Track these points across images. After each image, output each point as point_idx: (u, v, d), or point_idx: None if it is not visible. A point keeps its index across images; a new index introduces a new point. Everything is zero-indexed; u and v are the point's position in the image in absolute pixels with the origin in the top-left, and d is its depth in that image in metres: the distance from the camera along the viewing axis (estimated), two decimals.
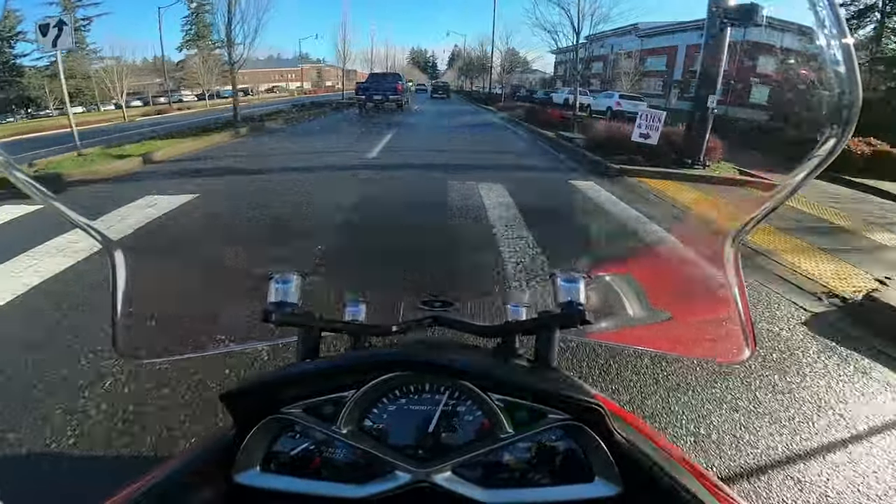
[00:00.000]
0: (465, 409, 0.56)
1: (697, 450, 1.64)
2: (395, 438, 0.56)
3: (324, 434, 0.55)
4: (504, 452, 0.55)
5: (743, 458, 1.61)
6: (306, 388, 0.55)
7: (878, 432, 1.76)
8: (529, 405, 0.53)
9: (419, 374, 0.55)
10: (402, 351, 0.51)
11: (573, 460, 0.54)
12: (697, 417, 1.79)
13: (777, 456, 1.63)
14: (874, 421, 1.83)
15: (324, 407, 0.55)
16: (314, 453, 0.56)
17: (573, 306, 0.66)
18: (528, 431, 0.53)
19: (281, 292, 0.71)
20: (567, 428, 0.54)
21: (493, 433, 0.54)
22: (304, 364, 0.63)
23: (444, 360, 0.50)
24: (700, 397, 1.88)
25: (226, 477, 0.54)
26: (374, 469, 0.55)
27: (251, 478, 0.54)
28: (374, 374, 0.54)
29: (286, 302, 0.70)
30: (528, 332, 0.69)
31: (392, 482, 0.53)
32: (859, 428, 1.78)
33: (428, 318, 0.78)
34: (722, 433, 1.72)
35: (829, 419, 1.83)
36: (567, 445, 0.55)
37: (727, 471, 1.55)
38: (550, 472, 0.54)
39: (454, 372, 0.51)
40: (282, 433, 0.57)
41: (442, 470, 0.53)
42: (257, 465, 0.55)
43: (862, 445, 1.68)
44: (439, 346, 0.59)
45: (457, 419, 0.56)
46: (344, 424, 0.54)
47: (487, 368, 0.51)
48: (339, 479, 0.54)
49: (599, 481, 0.53)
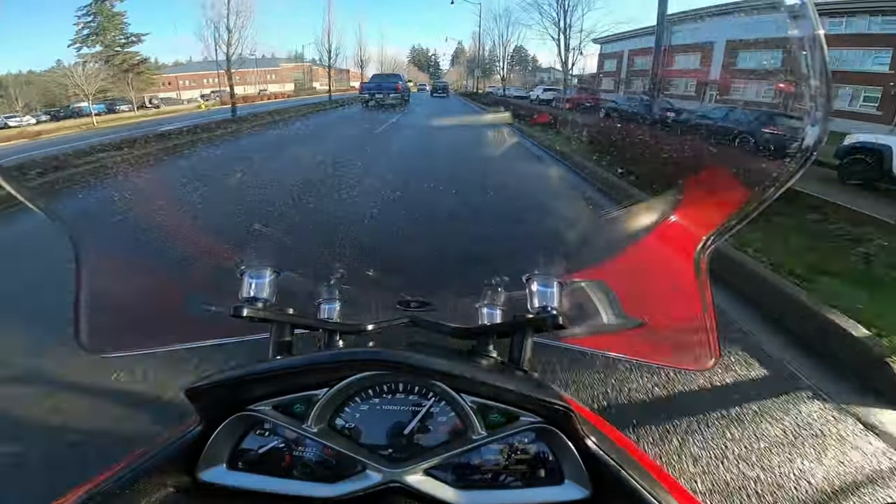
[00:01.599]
0: (437, 410, 0.56)
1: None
2: (367, 438, 0.56)
3: (294, 432, 0.54)
4: (476, 454, 0.55)
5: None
6: (277, 386, 0.54)
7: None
8: (502, 407, 0.53)
9: (392, 373, 0.54)
10: (376, 350, 0.51)
11: (544, 463, 0.55)
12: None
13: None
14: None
15: (294, 405, 0.54)
16: (284, 452, 0.55)
17: (547, 311, 0.67)
18: (500, 433, 0.54)
19: (254, 287, 0.70)
20: (538, 431, 0.55)
21: (466, 434, 0.54)
22: (274, 361, 0.62)
23: (417, 360, 0.50)
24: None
25: (190, 474, 0.52)
26: (345, 468, 0.54)
27: (217, 475, 0.53)
28: (346, 372, 0.53)
29: (259, 297, 0.69)
30: (502, 334, 0.70)
31: (363, 482, 0.53)
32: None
33: (404, 319, 0.78)
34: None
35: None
36: (538, 448, 0.55)
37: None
38: (521, 474, 0.55)
39: (427, 372, 0.51)
40: (250, 431, 0.55)
41: (414, 471, 0.53)
42: (224, 462, 0.54)
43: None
44: (413, 346, 0.59)
45: (429, 420, 0.56)
46: (315, 423, 0.54)
47: (460, 369, 0.51)
48: (309, 478, 0.54)
49: (569, 484, 0.53)
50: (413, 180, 6.13)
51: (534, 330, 0.67)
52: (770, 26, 0.50)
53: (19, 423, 1.69)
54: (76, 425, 1.68)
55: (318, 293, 0.81)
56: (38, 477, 1.43)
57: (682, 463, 1.61)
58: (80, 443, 1.56)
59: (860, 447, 1.71)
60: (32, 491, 1.32)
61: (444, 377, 0.52)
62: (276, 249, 0.77)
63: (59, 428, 1.66)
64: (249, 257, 0.73)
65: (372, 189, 5.51)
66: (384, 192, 5.36)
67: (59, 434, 1.63)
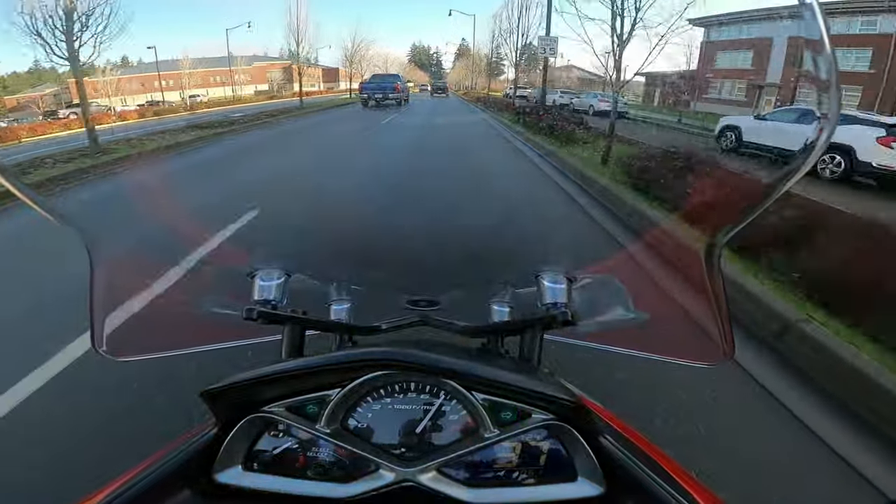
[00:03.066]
0: (449, 409, 0.56)
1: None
2: (380, 438, 0.56)
3: (307, 433, 0.55)
4: (488, 452, 0.55)
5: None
6: (289, 387, 0.55)
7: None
8: (513, 405, 0.53)
9: (403, 373, 0.55)
10: (386, 350, 0.51)
11: (556, 460, 0.55)
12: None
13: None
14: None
15: (307, 406, 0.55)
16: (297, 452, 0.56)
17: (557, 308, 0.67)
18: (512, 431, 0.53)
19: (265, 289, 0.70)
20: (550, 428, 0.54)
21: (478, 432, 0.54)
22: (287, 362, 0.63)
23: (428, 359, 0.50)
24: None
25: (207, 475, 0.53)
26: (358, 468, 0.54)
27: (233, 476, 0.54)
28: (358, 373, 0.54)
29: (270, 300, 0.70)
30: (513, 332, 0.70)
31: (376, 481, 0.53)
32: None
33: (414, 318, 0.78)
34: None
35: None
36: (551, 445, 0.55)
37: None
38: (534, 471, 0.55)
39: (439, 371, 0.52)
40: (264, 432, 0.56)
41: (426, 469, 0.53)
42: (239, 463, 0.55)
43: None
44: (424, 345, 0.59)
45: (441, 419, 0.56)
46: (327, 423, 0.54)
47: (472, 368, 0.51)
48: (323, 478, 0.54)
49: (583, 481, 0.53)
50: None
51: (544, 327, 0.67)
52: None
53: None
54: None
55: (328, 294, 0.82)
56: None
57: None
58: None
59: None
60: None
61: (456, 375, 0.52)
62: (287, 252, 0.77)
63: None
64: (260, 260, 0.74)
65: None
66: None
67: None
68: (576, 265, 0.73)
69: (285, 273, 0.73)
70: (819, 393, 1.96)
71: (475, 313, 0.79)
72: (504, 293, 0.80)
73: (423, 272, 1.83)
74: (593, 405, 0.56)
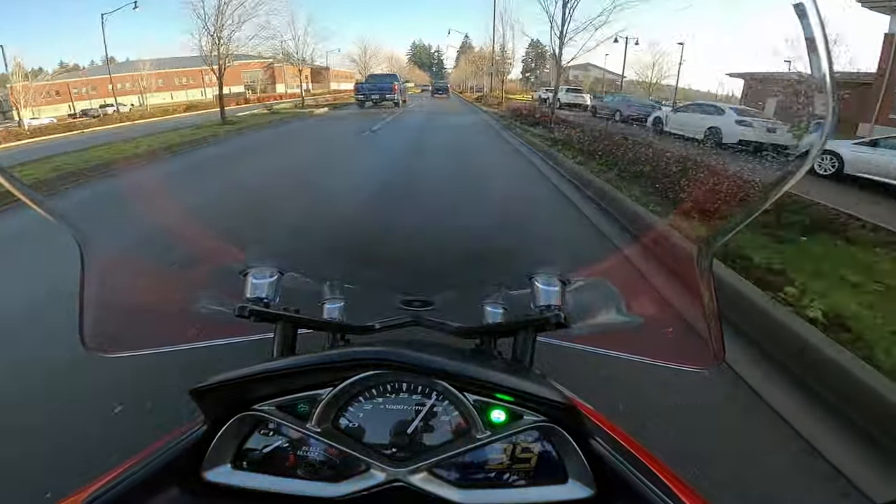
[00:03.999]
0: (441, 409, 0.56)
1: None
2: (371, 437, 0.56)
3: (298, 432, 0.55)
4: (480, 453, 0.55)
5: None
6: (281, 385, 0.54)
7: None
8: (505, 406, 0.53)
9: (395, 373, 0.55)
10: (379, 349, 0.51)
11: (547, 462, 0.55)
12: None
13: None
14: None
15: (298, 404, 0.54)
16: (288, 451, 0.55)
17: (551, 309, 0.67)
18: (503, 432, 0.54)
19: (258, 287, 0.70)
20: (542, 429, 0.55)
21: (469, 433, 0.54)
22: (278, 361, 0.62)
23: (420, 360, 0.50)
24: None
25: (195, 473, 0.53)
26: (349, 468, 0.54)
27: (222, 475, 0.53)
28: (349, 372, 0.53)
29: (263, 297, 0.69)
30: (506, 334, 0.70)
31: (367, 481, 0.53)
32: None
33: (407, 318, 0.78)
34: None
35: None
36: (542, 447, 0.55)
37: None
38: (525, 473, 0.55)
39: (431, 371, 0.52)
40: (254, 430, 0.56)
41: (417, 470, 0.53)
42: (228, 462, 0.54)
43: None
44: (417, 345, 0.59)
45: (433, 419, 0.56)
46: (318, 422, 0.54)
47: (464, 368, 0.51)
48: (313, 477, 0.54)
49: (573, 483, 0.53)
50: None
51: (537, 329, 0.67)
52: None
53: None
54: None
55: (321, 293, 0.82)
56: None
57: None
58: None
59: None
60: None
61: (448, 376, 0.52)
62: (280, 249, 0.77)
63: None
64: (253, 257, 0.73)
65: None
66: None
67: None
68: (569, 268, 0.74)
69: (278, 271, 0.73)
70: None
71: (469, 314, 0.79)
72: (498, 294, 0.80)
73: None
74: (584, 407, 0.56)
